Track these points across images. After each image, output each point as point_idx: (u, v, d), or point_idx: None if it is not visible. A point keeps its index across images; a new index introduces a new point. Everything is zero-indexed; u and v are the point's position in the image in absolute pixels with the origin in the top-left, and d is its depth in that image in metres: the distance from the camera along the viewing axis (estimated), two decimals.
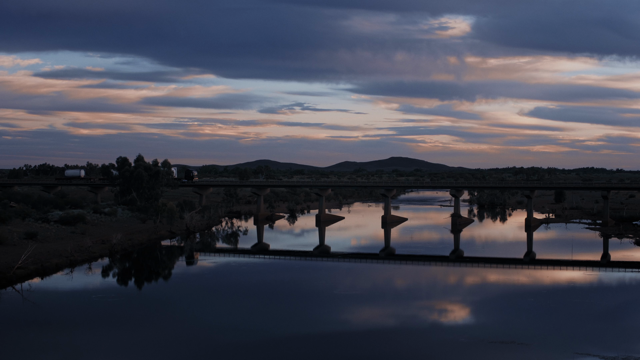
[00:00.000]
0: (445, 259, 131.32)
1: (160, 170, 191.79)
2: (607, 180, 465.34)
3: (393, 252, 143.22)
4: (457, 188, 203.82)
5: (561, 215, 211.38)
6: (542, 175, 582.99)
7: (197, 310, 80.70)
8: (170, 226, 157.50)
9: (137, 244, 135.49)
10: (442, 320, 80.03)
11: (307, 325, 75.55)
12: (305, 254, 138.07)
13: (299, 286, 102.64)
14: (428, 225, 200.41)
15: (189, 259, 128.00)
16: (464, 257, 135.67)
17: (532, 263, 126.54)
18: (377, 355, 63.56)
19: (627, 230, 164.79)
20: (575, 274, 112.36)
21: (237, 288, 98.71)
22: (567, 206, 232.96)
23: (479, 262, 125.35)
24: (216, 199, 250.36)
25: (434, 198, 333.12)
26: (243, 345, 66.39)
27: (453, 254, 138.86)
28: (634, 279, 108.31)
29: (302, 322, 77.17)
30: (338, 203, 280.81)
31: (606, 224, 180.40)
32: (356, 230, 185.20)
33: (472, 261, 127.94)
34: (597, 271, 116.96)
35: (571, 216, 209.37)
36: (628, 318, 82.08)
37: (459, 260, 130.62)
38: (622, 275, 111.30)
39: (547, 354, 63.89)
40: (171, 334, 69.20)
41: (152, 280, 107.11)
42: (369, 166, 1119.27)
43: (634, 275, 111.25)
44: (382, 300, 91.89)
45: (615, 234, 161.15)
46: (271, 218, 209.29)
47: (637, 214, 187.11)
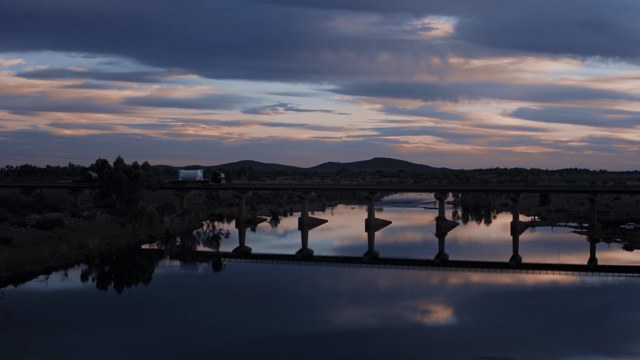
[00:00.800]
0: (430, 263, 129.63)
1: (140, 173, 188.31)
2: (592, 181, 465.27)
3: (377, 255, 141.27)
4: (441, 191, 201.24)
5: (547, 218, 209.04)
6: (526, 177, 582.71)
7: (177, 320, 77.95)
8: (149, 230, 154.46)
9: (115, 249, 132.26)
10: (425, 321, 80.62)
11: (290, 326, 75.10)
12: (288, 258, 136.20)
13: (281, 291, 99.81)
14: (412, 228, 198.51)
15: (168, 265, 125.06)
16: (449, 261, 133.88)
17: (518, 267, 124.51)
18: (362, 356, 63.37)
19: (615, 234, 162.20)
20: (562, 278, 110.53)
21: (219, 294, 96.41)
22: (552, 209, 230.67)
23: (464, 267, 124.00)
24: (198, 200, 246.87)
25: (418, 200, 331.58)
26: (229, 346, 66.37)
27: (438, 258, 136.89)
28: (622, 282, 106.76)
29: (286, 323, 76.61)
30: (321, 205, 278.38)
31: (593, 227, 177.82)
32: (339, 234, 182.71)
33: (457, 265, 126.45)
34: (584, 275, 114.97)
35: (557, 219, 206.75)
36: (616, 320, 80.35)
37: (443, 265, 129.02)
38: (611, 279, 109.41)
39: (532, 354, 64.33)
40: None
41: (129, 288, 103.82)
42: (352, 167, 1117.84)
43: (623, 279, 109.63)
44: (364, 304, 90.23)
45: (603, 238, 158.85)
46: (253, 221, 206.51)
47: (624, 217, 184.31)
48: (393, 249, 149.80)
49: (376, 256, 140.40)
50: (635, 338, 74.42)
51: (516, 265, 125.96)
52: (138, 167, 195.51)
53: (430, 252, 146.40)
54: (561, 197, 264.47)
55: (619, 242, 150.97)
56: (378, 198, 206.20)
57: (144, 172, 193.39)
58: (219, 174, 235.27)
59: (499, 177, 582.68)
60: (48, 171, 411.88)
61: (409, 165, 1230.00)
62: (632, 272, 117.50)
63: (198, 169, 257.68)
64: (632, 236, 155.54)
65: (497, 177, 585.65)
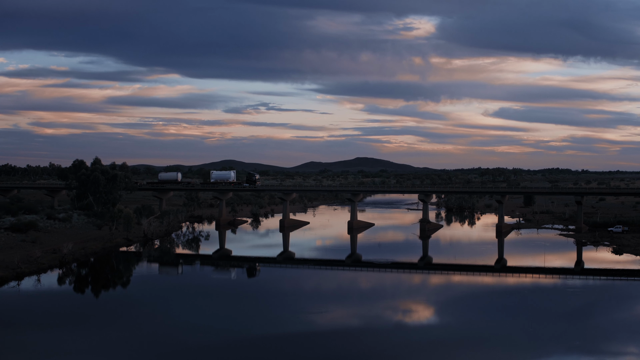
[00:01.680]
0: (414, 266, 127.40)
1: (118, 174, 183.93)
2: (575, 181, 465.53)
3: (359, 258, 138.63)
4: (426, 193, 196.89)
5: (532, 220, 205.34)
6: (508, 177, 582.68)
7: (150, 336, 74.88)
8: (127, 233, 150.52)
9: (91, 253, 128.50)
10: (408, 324, 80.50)
11: (270, 327, 74.27)
12: (269, 260, 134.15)
13: (263, 293, 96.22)
14: (396, 230, 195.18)
15: (144, 270, 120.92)
16: (433, 264, 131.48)
17: (504, 270, 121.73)
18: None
19: (603, 237, 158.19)
20: (549, 281, 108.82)
21: (200, 296, 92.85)
22: (537, 210, 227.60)
23: (449, 270, 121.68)
24: (178, 201, 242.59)
25: (401, 200, 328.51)
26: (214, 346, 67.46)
27: (422, 261, 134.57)
28: (611, 286, 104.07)
29: (266, 324, 76.07)
30: (303, 206, 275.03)
31: (580, 230, 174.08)
32: (321, 236, 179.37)
33: (441, 268, 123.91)
34: (571, 279, 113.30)
35: (542, 221, 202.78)
36: (600, 321, 77.90)
37: (427, 268, 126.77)
38: (600, 282, 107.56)
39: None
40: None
41: (103, 294, 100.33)
42: (334, 166, 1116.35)
43: (612, 283, 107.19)
44: (346, 307, 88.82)
45: (590, 242, 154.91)
46: (234, 223, 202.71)
47: (611, 220, 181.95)
48: (376, 252, 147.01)
49: (359, 259, 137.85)
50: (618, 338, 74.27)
51: (501, 269, 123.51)
52: (116, 167, 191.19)
53: (414, 254, 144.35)
54: (545, 198, 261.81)
55: (607, 246, 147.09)
56: (361, 199, 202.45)
57: (122, 172, 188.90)
58: (253, 175, 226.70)
59: (481, 177, 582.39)
60: (28, 171, 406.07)
61: (391, 165, 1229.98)
62: (621, 275, 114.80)
63: (231, 170, 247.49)
64: (620, 239, 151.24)
65: (480, 177, 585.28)
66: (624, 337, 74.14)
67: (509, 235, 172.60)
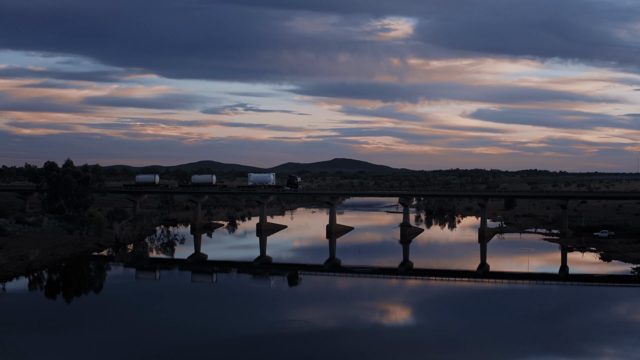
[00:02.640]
0: (394, 272, 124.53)
1: (90, 176, 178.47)
2: (554, 183, 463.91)
3: (338, 263, 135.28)
4: (407, 196, 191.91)
5: (514, 223, 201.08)
6: (487, 178, 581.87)
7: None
8: (98, 238, 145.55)
9: (60, 259, 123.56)
10: (384, 321, 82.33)
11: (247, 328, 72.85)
12: (245, 265, 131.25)
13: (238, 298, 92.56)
14: (376, 234, 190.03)
15: (116, 277, 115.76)
16: (414, 269, 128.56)
17: (486, 276, 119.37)
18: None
19: (589, 243, 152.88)
20: (532, 287, 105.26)
21: (175, 301, 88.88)
22: (519, 213, 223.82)
23: (430, 275, 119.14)
24: (153, 203, 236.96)
25: (380, 203, 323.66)
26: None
27: (402, 267, 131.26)
28: (596, 292, 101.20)
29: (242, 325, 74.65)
30: (280, 209, 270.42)
31: (565, 235, 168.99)
32: (299, 240, 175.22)
33: (422, 274, 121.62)
34: (555, 285, 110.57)
35: (525, 225, 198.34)
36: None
37: (408, 273, 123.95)
38: (593, 290, 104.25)
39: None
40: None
41: (69, 307, 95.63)
42: (312, 167, 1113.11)
43: (596, 289, 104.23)
44: (323, 311, 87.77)
45: (576, 247, 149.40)
46: (209, 227, 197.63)
47: (596, 224, 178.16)
48: (356, 257, 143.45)
49: (337, 264, 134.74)
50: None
51: (484, 274, 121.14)
52: (88, 169, 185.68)
53: (395, 259, 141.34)
54: (526, 201, 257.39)
55: (594, 251, 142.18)
56: (340, 202, 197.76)
57: (94, 175, 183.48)
58: (295, 178, 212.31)
59: (459, 178, 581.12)
60: (3, 172, 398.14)
61: (369, 166, 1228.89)
62: (608, 281, 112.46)
63: (271, 172, 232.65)
64: (607, 245, 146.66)
65: (458, 178, 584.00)
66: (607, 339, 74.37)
67: (492, 240, 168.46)
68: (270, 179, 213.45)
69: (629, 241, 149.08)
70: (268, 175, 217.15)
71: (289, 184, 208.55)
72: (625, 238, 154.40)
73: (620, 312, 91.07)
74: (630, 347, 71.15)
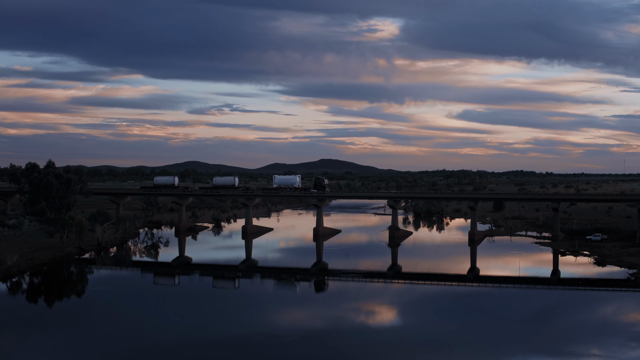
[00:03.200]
0: (383, 276, 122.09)
1: (72, 178, 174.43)
2: (541, 184, 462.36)
3: (325, 267, 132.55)
4: (395, 199, 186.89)
5: (503, 225, 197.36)
6: (474, 179, 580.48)
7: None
8: (79, 241, 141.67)
9: (39, 264, 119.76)
10: (369, 322, 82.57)
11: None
12: (230, 269, 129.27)
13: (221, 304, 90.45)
14: (364, 237, 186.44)
15: (96, 284, 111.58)
16: (402, 273, 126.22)
17: (476, 280, 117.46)
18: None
19: (582, 246, 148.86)
20: (525, 292, 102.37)
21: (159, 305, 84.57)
22: (508, 215, 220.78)
23: (419, 279, 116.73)
24: (137, 205, 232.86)
25: (367, 204, 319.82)
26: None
27: (391, 270, 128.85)
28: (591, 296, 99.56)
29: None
30: (267, 210, 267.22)
31: (557, 238, 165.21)
32: (286, 244, 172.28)
33: (411, 278, 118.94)
34: (547, 289, 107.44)
35: (515, 228, 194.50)
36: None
37: (397, 277, 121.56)
38: (582, 293, 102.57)
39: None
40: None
41: (45, 315, 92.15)
42: (298, 168, 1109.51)
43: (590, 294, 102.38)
44: (305, 314, 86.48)
45: (570, 251, 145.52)
46: (194, 229, 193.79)
47: (588, 227, 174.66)
48: (343, 260, 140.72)
49: (325, 267, 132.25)
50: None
51: (474, 278, 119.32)
52: (70, 171, 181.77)
53: (383, 263, 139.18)
54: (515, 203, 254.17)
55: (587, 256, 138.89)
56: (327, 204, 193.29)
57: (76, 176, 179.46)
58: (322, 180, 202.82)
59: (446, 179, 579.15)
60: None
61: (355, 166, 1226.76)
62: (604, 286, 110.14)
63: (296, 175, 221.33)
64: (600, 249, 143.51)
65: (445, 179, 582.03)
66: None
67: (482, 243, 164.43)
68: (296, 181, 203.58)
69: (622, 245, 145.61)
70: (294, 178, 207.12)
71: (315, 186, 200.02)
72: (619, 242, 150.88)
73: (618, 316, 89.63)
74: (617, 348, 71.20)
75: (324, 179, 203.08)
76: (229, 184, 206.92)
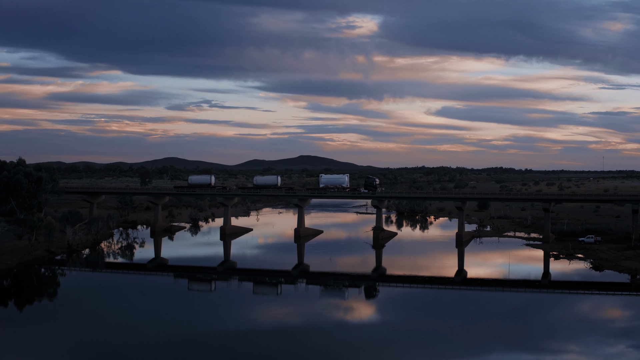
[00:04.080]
0: (367, 278, 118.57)
1: (43, 176, 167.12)
2: (523, 182, 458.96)
3: (307, 269, 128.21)
4: (379, 198, 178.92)
5: (490, 225, 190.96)
6: (454, 176, 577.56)
7: None
8: (48, 244, 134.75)
9: (5, 269, 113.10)
10: (347, 318, 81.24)
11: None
12: (209, 271, 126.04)
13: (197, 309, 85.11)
14: (347, 238, 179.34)
15: (64, 291, 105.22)
16: (387, 275, 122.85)
17: (464, 283, 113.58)
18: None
19: (575, 249, 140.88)
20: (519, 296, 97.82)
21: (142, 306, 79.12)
22: (494, 214, 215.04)
23: (405, 282, 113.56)
24: (112, 203, 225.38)
25: (348, 202, 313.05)
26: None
27: (375, 273, 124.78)
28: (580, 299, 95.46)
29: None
30: (246, 209, 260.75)
31: (548, 240, 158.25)
32: (266, 245, 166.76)
33: (397, 280, 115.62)
34: (537, 293, 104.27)
35: (503, 228, 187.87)
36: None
37: (381, 280, 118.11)
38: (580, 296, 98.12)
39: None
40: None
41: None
42: (278, 164, 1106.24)
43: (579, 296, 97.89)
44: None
45: (563, 254, 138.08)
46: (170, 229, 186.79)
47: (579, 228, 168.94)
48: (326, 262, 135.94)
49: (306, 269, 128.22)
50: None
51: (462, 281, 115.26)
52: (41, 169, 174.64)
53: (367, 265, 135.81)
54: (500, 201, 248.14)
55: (582, 259, 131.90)
56: (308, 203, 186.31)
57: (47, 174, 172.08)
58: (373, 180, 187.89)
59: (427, 176, 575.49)
60: None
61: (334, 163, 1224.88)
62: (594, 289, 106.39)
63: (345, 174, 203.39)
64: (595, 251, 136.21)
65: (425, 176, 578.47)
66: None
67: (470, 244, 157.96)
68: (344, 180, 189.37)
69: (617, 247, 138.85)
70: (342, 177, 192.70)
71: (366, 186, 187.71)
72: (613, 244, 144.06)
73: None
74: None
75: (375, 179, 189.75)
76: (271, 183, 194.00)
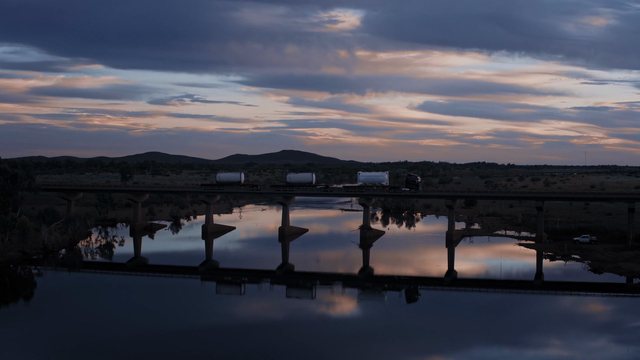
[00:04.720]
0: (354, 278, 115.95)
1: (19, 173, 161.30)
2: (507, 177, 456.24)
3: (292, 269, 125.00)
4: (367, 196, 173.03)
5: (478, 222, 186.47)
6: (437, 171, 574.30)
7: None
8: (22, 245, 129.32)
9: None
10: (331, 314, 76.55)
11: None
12: (190, 272, 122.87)
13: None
14: (333, 238, 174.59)
15: (39, 297, 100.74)
16: (374, 276, 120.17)
17: (454, 284, 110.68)
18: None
19: (571, 249, 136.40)
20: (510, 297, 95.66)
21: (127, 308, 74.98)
22: (482, 212, 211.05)
23: (395, 282, 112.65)
24: (91, 200, 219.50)
25: (333, 198, 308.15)
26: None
27: (362, 273, 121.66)
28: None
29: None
30: (228, 206, 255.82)
31: (541, 239, 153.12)
32: (249, 244, 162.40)
33: (386, 281, 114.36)
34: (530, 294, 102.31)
35: (493, 226, 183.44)
36: None
37: (369, 280, 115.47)
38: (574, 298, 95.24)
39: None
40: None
41: None
42: (260, 159, 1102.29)
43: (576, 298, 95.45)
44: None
45: (558, 255, 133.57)
46: (150, 228, 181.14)
47: (572, 227, 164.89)
48: (310, 262, 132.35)
49: (291, 269, 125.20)
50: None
51: (452, 282, 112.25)
52: (17, 165, 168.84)
53: (355, 265, 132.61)
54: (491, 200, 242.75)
55: (578, 260, 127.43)
56: (293, 201, 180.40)
57: (24, 171, 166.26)
58: (415, 178, 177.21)
59: (410, 171, 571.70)
60: None
61: (317, 157, 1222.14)
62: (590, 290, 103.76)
63: (384, 172, 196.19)
64: (591, 252, 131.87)
65: (408, 171, 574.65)
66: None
67: (460, 244, 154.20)
68: (384, 178, 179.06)
69: (614, 247, 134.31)
70: (382, 175, 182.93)
71: (407, 184, 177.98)
72: (609, 244, 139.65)
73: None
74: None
75: (417, 176, 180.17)
76: (305, 181, 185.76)
